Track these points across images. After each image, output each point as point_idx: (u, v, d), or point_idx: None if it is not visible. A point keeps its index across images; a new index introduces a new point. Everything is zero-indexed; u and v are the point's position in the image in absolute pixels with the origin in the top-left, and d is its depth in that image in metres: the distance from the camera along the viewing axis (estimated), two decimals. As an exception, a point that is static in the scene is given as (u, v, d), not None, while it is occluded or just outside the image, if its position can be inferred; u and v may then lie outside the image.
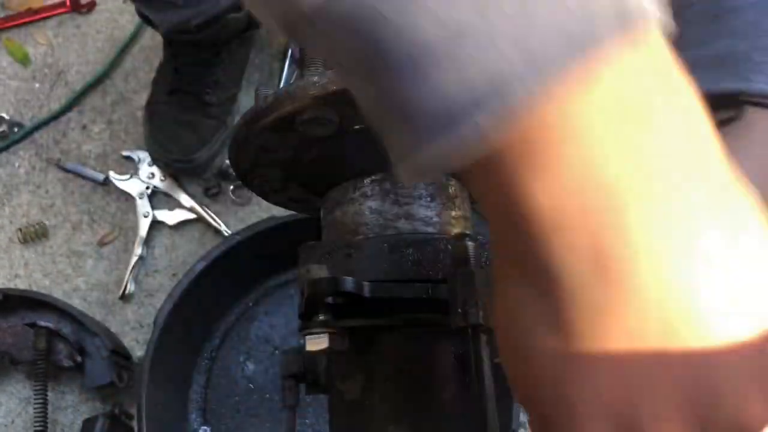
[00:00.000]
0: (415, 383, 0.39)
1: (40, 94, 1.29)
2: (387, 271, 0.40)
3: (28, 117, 1.27)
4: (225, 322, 1.10)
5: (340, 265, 0.40)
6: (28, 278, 1.18)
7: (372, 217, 0.43)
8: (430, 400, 0.38)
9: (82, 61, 1.30)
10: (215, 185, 1.19)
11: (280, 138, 0.43)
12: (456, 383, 0.39)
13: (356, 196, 0.44)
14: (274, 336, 1.10)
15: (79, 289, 1.17)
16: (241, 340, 1.10)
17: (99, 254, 1.19)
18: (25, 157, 1.25)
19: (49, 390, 1.07)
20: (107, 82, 1.28)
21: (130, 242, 1.18)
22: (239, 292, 1.11)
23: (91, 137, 1.25)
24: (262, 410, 1.06)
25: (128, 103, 1.27)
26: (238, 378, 1.08)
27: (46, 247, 1.20)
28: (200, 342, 1.09)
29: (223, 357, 1.09)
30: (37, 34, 1.32)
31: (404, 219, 0.43)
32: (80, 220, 1.21)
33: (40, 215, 1.22)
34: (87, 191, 1.22)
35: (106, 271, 1.18)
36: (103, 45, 1.30)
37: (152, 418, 0.95)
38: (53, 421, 1.09)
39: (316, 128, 0.40)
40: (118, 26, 1.31)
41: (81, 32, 1.32)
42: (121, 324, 1.15)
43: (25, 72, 1.30)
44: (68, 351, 1.05)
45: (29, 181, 1.24)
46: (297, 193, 0.50)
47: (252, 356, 1.09)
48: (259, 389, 1.07)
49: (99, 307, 1.16)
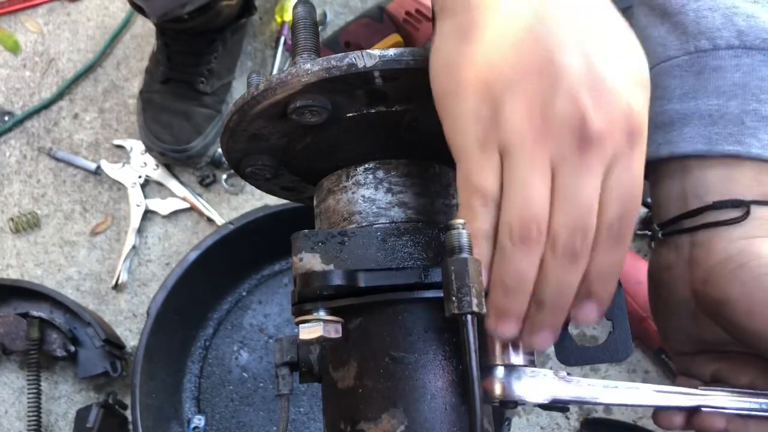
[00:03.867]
0: (408, 371, 0.39)
1: (31, 82, 1.28)
2: (380, 259, 0.40)
3: (19, 105, 1.27)
4: (219, 311, 1.10)
5: (333, 253, 0.39)
6: (21, 268, 1.18)
7: (365, 206, 0.43)
8: (423, 388, 0.39)
9: (73, 49, 1.29)
10: (209, 174, 1.19)
11: (273, 125, 0.43)
12: (449, 370, 0.39)
13: (349, 185, 0.44)
14: (268, 325, 1.10)
15: (71, 278, 1.17)
16: (234, 329, 1.10)
17: (91, 244, 1.18)
18: (16, 146, 1.24)
19: (43, 380, 1.07)
20: (99, 70, 1.27)
21: (123, 232, 1.18)
22: (233, 281, 1.11)
23: (83, 126, 1.25)
24: (256, 399, 1.06)
25: (120, 92, 1.26)
26: (232, 367, 1.08)
27: (39, 237, 1.19)
28: (194, 331, 1.08)
29: (216, 346, 1.09)
30: (28, 21, 1.31)
31: (397, 207, 0.43)
32: (72, 210, 1.20)
33: (32, 205, 1.21)
34: (79, 180, 1.22)
35: (98, 260, 1.17)
36: (94, 32, 1.29)
37: (146, 407, 0.95)
38: (47, 410, 1.09)
39: (308, 116, 0.40)
40: (108, 14, 1.30)
41: (71, 20, 1.30)
42: (115, 313, 1.15)
43: (15, 60, 1.29)
44: (61, 341, 1.05)
45: (20, 170, 1.23)
46: (290, 181, 0.50)
47: (246, 345, 1.09)
48: (253, 378, 1.07)
49: (92, 297, 1.16)
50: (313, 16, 0.43)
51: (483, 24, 0.37)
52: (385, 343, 0.40)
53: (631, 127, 0.36)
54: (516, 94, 0.35)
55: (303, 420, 1.04)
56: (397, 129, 0.42)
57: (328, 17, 1.27)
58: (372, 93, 0.40)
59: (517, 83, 0.35)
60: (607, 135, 0.35)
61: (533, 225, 0.35)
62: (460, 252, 0.35)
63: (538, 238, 0.35)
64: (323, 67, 0.38)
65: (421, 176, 0.44)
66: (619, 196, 0.36)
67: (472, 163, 0.36)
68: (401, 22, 1.16)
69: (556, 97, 0.35)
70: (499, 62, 0.36)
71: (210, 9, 1.06)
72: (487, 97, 0.36)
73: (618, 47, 0.36)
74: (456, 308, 0.35)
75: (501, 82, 0.35)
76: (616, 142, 0.35)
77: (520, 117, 0.35)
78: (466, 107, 0.36)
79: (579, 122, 0.34)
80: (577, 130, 0.34)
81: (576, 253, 0.36)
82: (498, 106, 0.35)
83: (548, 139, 0.35)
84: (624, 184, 0.36)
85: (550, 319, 0.37)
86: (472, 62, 0.36)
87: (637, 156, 0.36)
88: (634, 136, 0.36)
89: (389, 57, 0.38)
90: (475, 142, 0.36)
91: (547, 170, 0.35)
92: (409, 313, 0.40)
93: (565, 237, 0.35)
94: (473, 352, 0.34)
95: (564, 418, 1.05)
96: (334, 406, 0.41)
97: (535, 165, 0.35)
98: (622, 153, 0.36)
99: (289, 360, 0.44)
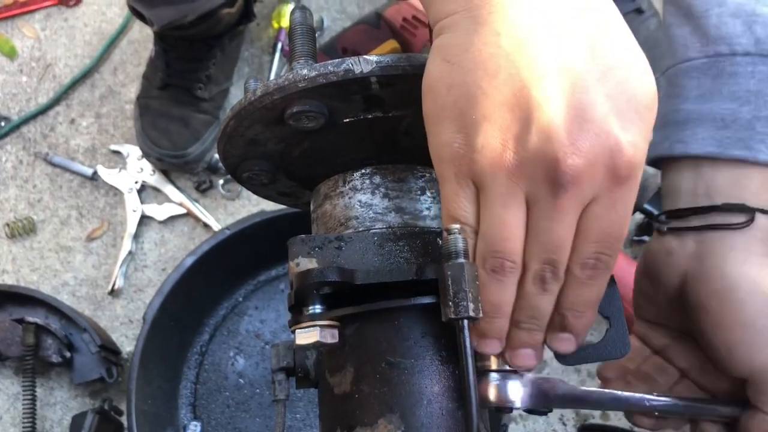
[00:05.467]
0: (404, 376, 0.39)
1: (28, 87, 1.28)
2: (377, 264, 0.40)
3: (15, 111, 1.26)
4: (215, 317, 1.10)
5: (330, 258, 0.39)
6: (16, 273, 1.18)
7: (362, 211, 0.43)
8: (420, 393, 0.38)
9: (70, 55, 1.29)
10: (206, 180, 1.19)
11: (270, 131, 0.43)
12: (445, 376, 0.39)
13: (346, 190, 0.44)
14: (264, 331, 1.10)
15: (67, 284, 1.17)
16: (231, 335, 1.10)
17: (87, 249, 1.18)
18: (12, 152, 1.24)
19: (38, 386, 1.07)
20: (95, 76, 1.27)
21: (119, 237, 1.18)
22: (229, 287, 1.10)
23: (80, 131, 1.24)
24: (252, 405, 1.06)
25: (117, 97, 1.26)
26: (228, 373, 1.08)
27: (34, 242, 1.19)
28: (190, 337, 1.08)
29: (212, 352, 1.09)
30: (25, 27, 1.31)
31: (394, 212, 0.43)
32: (68, 215, 1.20)
33: (28, 210, 1.21)
34: (75, 186, 1.22)
35: (94, 266, 1.17)
36: (91, 38, 1.29)
37: (142, 413, 0.95)
38: (42, 417, 1.09)
39: (305, 121, 0.40)
40: (106, 19, 1.30)
41: (69, 25, 1.30)
42: (110, 319, 1.14)
43: (12, 65, 1.29)
44: (57, 346, 1.04)
45: (17, 175, 1.23)
46: (286, 186, 0.50)
47: (242, 351, 1.09)
48: (249, 384, 1.07)
49: (88, 303, 1.15)
50: (310, 22, 0.44)
51: (466, 45, 0.34)
52: (382, 348, 0.39)
53: (617, 164, 0.33)
54: (490, 128, 0.33)
55: (299, 426, 1.04)
56: (393, 134, 0.42)
57: (325, 23, 1.27)
58: (369, 99, 0.40)
59: (491, 116, 0.33)
60: (585, 176, 0.33)
61: (506, 259, 0.35)
62: (456, 257, 0.35)
63: (511, 269, 0.35)
64: (320, 72, 0.38)
65: (417, 182, 0.44)
66: (597, 236, 0.35)
67: (449, 192, 0.36)
68: (398, 28, 1.16)
69: (528, 134, 0.33)
70: (474, 92, 0.34)
71: (211, 17, 1.06)
72: (462, 128, 0.34)
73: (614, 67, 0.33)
74: (452, 313, 0.35)
75: (475, 112, 0.34)
76: (596, 182, 0.33)
77: (491, 152, 0.33)
78: (444, 136, 0.35)
79: (552, 164, 0.32)
80: (550, 173, 0.33)
81: (546, 283, 0.36)
82: (471, 138, 0.34)
83: (521, 178, 0.33)
84: (602, 225, 0.34)
85: (528, 338, 0.38)
86: (450, 87, 0.35)
87: (623, 194, 0.34)
88: (620, 173, 0.33)
89: (386, 63, 0.38)
90: (451, 172, 0.35)
91: (521, 205, 0.34)
92: (406, 318, 0.40)
93: (536, 268, 0.35)
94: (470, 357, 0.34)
95: (561, 424, 1.05)
96: (331, 412, 0.41)
97: (508, 202, 0.34)
98: (602, 193, 0.34)
99: (285, 365, 0.44)
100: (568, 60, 0.33)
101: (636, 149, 0.33)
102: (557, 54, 0.33)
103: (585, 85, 0.33)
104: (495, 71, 0.33)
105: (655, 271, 0.49)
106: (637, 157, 0.34)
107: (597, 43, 0.34)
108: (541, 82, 0.33)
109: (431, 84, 0.36)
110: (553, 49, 0.33)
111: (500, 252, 0.35)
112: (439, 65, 0.35)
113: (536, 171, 0.33)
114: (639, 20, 1.14)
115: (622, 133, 0.33)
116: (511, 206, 0.34)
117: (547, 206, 0.34)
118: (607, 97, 0.33)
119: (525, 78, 0.33)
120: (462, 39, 0.35)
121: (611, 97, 0.33)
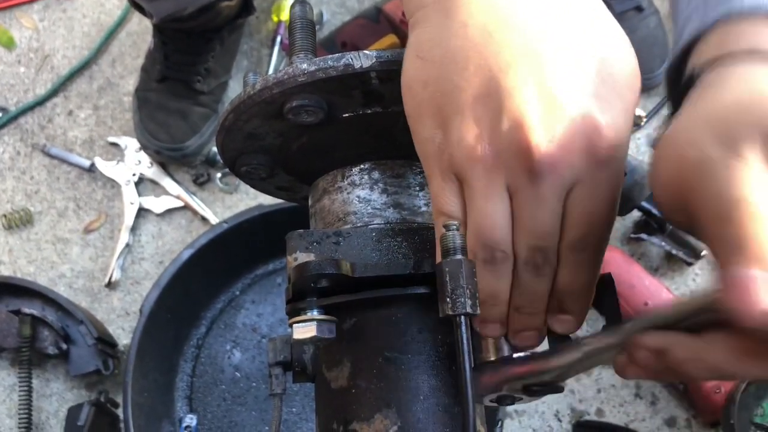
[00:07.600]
0: (401, 371, 0.39)
1: (26, 78, 1.27)
2: (375, 259, 0.40)
3: (13, 101, 1.26)
4: (212, 310, 1.10)
5: (328, 253, 0.39)
6: (13, 265, 1.17)
7: (360, 206, 0.43)
8: (416, 388, 0.39)
9: (68, 46, 1.28)
10: (204, 173, 1.18)
11: (268, 125, 0.42)
12: (442, 371, 0.39)
13: (344, 185, 0.44)
14: (261, 324, 1.10)
15: (64, 276, 1.17)
16: (227, 328, 1.10)
17: (85, 241, 1.18)
18: (9, 143, 1.24)
19: (34, 377, 1.07)
20: (94, 67, 1.27)
21: (116, 229, 1.18)
22: (226, 281, 1.10)
23: (77, 123, 1.24)
24: (248, 398, 1.06)
25: (115, 89, 1.25)
26: (225, 366, 1.08)
27: (31, 234, 1.19)
28: (187, 330, 1.08)
29: (209, 345, 1.09)
30: (23, 17, 1.30)
31: (392, 208, 0.43)
32: (66, 207, 1.20)
33: (25, 201, 1.21)
34: (73, 177, 1.21)
35: (91, 258, 1.17)
36: (89, 29, 1.29)
37: (138, 406, 0.95)
38: (38, 408, 1.09)
39: (304, 115, 0.40)
40: (104, 11, 1.30)
41: (67, 16, 1.30)
42: (107, 311, 1.14)
43: (9, 56, 1.29)
44: (53, 338, 1.04)
45: (14, 166, 1.23)
46: (285, 181, 0.50)
47: (239, 344, 1.09)
48: (246, 377, 1.07)
49: (84, 295, 1.15)
50: (310, 16, 0.43)
51: (437, 39, 0.34)
52: (379, 343, 0.40)
53: (596, 146, 0.32)
54: (465, 121, 0.33)
55: (295, 420, 1.04)
56: (393, 130, 0.42)
57: (324, 17, 1.27)
58: (368, 94, 0.40)
59: (464, 108, 0.33)
60: (562, 162, 0.32)
61: (496, 249, 0.35)
62: (454, 253, 0.35)
63: (502, 258, 0.35)
64: (320, 67, 0.38)
65: (416, 177, 0.44)
66: (581, 219, 0.34)
67: (436, 187, 0.36)
68: (398, 23, 1.16)
69: (500, 124, 0.32)
70: (448, 86, 0.33)
71: (211, 9, 1.06)
72: (441, 124, 0.34)
73: (591, 48, 0.33)
74: (450, 309, 0.35)
75: (449, 106, 0.34)
76: (575, 166, 0.33)
77: (467, 145, 0.33)
78: (425, 133, 0.35)
79: (525, 152, 0.32)
80: (525, 161, 0.32)
81: (539, 268, 0.35)
82: (449, 133, 0.34)
83: (499, 168, 0.33)
84: (587, 208, 0.34)
85: (529, 321, 0.38)
86: (426, 84, 0.35)
87: (606, 176, 0.34)
88: (600, 156, 0.33)
89: (386, 58, 0.38)
90: (435, 167, 0.35)
91: (503, 195, 0.34)
92: (403, 313, 0.40)
93: (526, 255, 0.35)
94: (467, 353, 0.34)
95: (556, 420, 1.06)
96: (327, 406, 0.41)
97: (490, 193, 0.34)
98: (584, 177, 0.33)
99: (282, 359, 0.44)
100: (538, 45, 0.32)
101: (616, 131, 0.33)
102: (526, 39, 0.32)
103: (557, 69, 0.32)
104: (465, 63, 0.33)
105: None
106: (618, 139, 0.33)
107: (571, 25, 0.33)
108: (509, 69, 0.32)
109: (408, 82, 0.36)
110: (520, 34, 0.33)
111: (489, 243, 0.35)
112: (414, 62, 0.35)
113: (512, 160, 0.33)
114: (639, 18, 1.14)
115: (601, 114, 0.32)
116: (493, 197, 0.34)
117: (528, 194, 0.34)
118: (583, 79, 0.32)
119: (493, 67, 0.32)
120: (433, 33, 0.35)
121: (588, 78, 0.33)
